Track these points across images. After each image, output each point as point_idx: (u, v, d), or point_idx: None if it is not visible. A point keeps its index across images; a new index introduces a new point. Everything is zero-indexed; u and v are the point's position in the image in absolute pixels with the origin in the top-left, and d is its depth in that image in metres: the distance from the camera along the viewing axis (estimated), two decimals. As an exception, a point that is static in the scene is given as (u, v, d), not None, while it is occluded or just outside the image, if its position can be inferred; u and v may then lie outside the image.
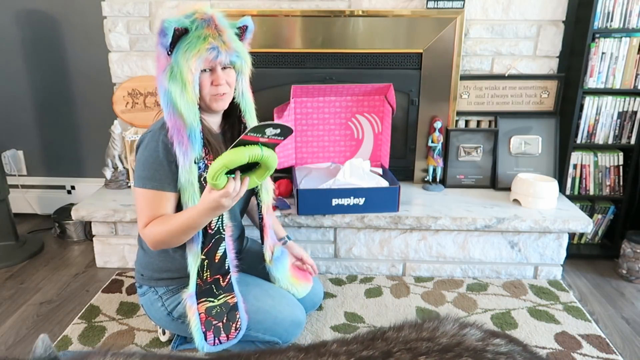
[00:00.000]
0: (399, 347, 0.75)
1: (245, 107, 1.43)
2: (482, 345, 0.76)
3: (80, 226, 2.47)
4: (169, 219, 1.32)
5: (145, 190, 1.33)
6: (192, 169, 1.32)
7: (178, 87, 1.27)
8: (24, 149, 2.69)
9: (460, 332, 0.80)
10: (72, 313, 1.84)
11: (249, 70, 1.40)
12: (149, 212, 1.34)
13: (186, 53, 1.25)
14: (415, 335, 0.79)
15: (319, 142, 2.29)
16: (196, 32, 1.26)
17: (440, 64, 2.23)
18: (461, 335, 0.79)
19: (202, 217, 1.26)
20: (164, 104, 1.30)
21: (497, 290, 2.00)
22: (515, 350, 0.78)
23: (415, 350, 0.73)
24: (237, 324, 1.41)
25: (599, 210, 2.31)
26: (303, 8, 2.22)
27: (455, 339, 0.77)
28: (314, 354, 0.74)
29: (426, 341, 0.76)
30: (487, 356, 0.73)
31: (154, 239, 1.33)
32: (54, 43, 2.49)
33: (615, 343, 1.69)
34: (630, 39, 2.09)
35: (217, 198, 1.19)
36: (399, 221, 1.99)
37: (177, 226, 1.30)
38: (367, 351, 0.74)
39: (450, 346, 0.75)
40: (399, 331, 0.81)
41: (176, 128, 1.29)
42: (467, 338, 0.78)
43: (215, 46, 1.26)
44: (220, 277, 1.42)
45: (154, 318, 1.51)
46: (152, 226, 1.33)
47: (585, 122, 2.22)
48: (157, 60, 1.31)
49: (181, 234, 1.31)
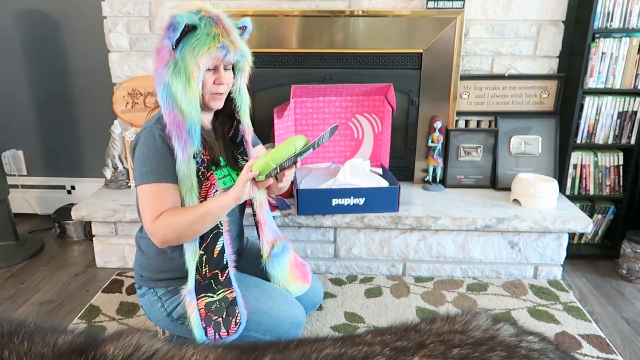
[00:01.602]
0: (432, 339, 0.75)
1: (240, 104, 1.46)
2: (515, 341, 0.75)
3: (80, 226, 2.47)
4: (188, 208, 1.33)
5: (149, 185, 1.32)
6: (190, 164, 1.33)
7: (181, 82, 1.27)
8: (24, 149, 2.69)
9: (494, 326, 0.79)
10: (72, 313, 1.84)
11: (249, 68, 1.42)
12: (156, 206, 1.32)
13: (195, 49, 1.26)
14: (448, 327, 0.79)
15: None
16: (205, 29, 1.26)
17: (440, 64, 2.23)
18: (494, 330, 0.78)
19: (231, 202, 1.33)
20: (162, 98, 1.30)
21: (497, 290, 2.00)
22: (548, 348, 0.78)
23: (449, 343, 0.73)
24: (237, 318, 1.41)
25: (599, 210, 2.31)
26: (303, 8, 2.22)
27: (489, 333, 0.77)
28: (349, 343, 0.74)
29: (459, 334, 0.76)
30: (520, 352, 0.73)
31: (168, 228, 1.30)
32: (54, 43, 2.49)
33: (615, 343, 1.69)
34: (630, 39, 2.09)
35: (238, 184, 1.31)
36: (399, 221, 1.99)
37: (199, 214, 1.30)
38: (401, 342, 0.74)
39: (483, 340, 0.74)
40: (431, 323, 0.81)
41: (175, 123, 1.30)
42: (500, 333, 0.78)
43: (225, 45, 1.28)
44: (218, 272, 1.42)
45: (154, 319, 1.51)
46: (167, 216, 1.30)
47: (585, 122, 2.22)
48: (158, 54, 1.31)
49: (201, 224, 1.32)
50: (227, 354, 0.68)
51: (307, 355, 0.70)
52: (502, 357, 0.70)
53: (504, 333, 0.78)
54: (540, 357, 0.73)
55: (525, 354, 0.73)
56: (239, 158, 1.52)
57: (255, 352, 0.70)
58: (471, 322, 0.81)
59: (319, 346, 0.72)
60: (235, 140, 1.52)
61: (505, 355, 0.71)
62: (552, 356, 0.75)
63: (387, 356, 0.69)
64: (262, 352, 0.70)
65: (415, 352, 0.71)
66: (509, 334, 0.78)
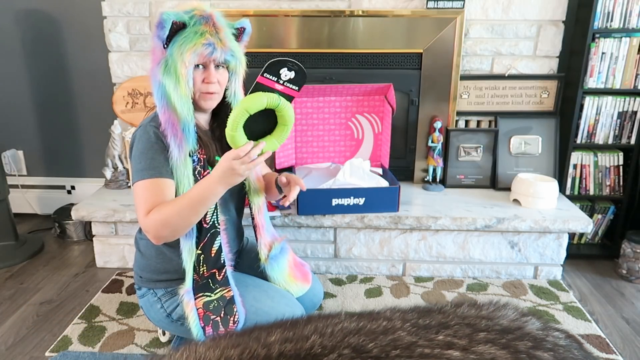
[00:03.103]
0: (456, 320, 0.73)
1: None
2: (542, 334, 0.74)
3: (80, 226, 2.47)
4: (175, 200, 1.30)
5: (144, 181, 1.30)
6: (187, 162, 1.33)
7: (172, 80, 1.27)
8: (24, 149, 2.69)
9: (522, 318, 0.79)
10: (72, 313, 1.84)
11: (243, 71, 1.41)
12: (150, 200, 1.30)
13: (181, 47, 1.25)
14: (475, 312, 0.78)
15: (319, 142, 2.29)
16: (193, 27, 1.26)
17: (440, 64, 2.23)
18: (522, 322, 0.77)
19: (215, 184, 1.26)
20: (157, 98, 1.30)
21: (497, 290, 2.00)
22: (573, 345, 0.77)
23: (475, 326, 0.71)
24: (235, 317, 1.41)
25: (599, 210, 2.31)
26: (303, 8, 2.22)
27: (516, 324, 0.76)
28: (367, 317, 0.72)
29: (485, 319, 0.75)
30: (546, 346, 0.72)
31: (159, 223, 1.28)
32: (54, 43, 2.49)
33: (615, 343, 1.69)
34: (630, 39, 2.09)
35: (230, 159, 1.21)
36: (399, 221, 1.99)
37: (186, 203, 1.27)
38: (424, 320, 0.72)
39: (510, 329, 0.73)
40: (457, 307, 0.80)
41: (170, 122, 1.29)
42: (527, 325, 0.77)
43: (211, 42, 1.27)
44: (216, 271, 1.43)
45: (154, 319, 1.51)
46: (156, 212, 1.28)
47: (585, 122, 2.22)
48: (152, 53, 1.31)
49: (191, 213, 1.28)
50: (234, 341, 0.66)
51: (320, 329, 0.67)
52: (528, 347, 0.69)
53: (531, 326, 0.77)
54: (565, 353, 0.73)
55: (551, 348, 0.72)
56: None
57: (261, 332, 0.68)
58: (498, 311, 0.80)
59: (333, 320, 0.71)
60: None
61: (531, 345, 0.70)
62: (577, 353, 0.75)
63: (408, 331, 0.67)
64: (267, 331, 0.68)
65: (439, 331, 0.69)
66: (536, 327, 0.77)
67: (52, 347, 1.62)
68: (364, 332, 0.67)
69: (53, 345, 1.63)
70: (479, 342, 0.67)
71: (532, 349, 0.69)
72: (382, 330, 0.68)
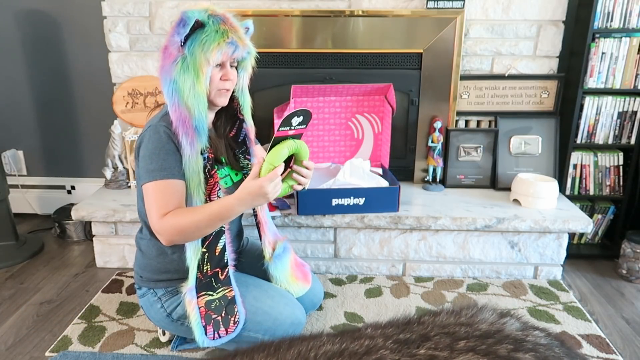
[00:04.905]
0: (436, 330, 0.73)
1: (243, 103, 1.47)
2: (522, 335, 0.75)
3: (80, 226, 2.47)
4: (196, 209, 1.32)
5: (156, 182, 1.31)
6: (198, 159, 1.33)
7: (189, 78, 1.28)
8: (24, 149, 2.69)
9: (500, 320, 0.79)
10: (72, 313, 1.84)
11: (251, 67, 1.44)
12: (164, 202, 1.31)
13: (205, 45, 1.27)
14: (454, 320, 0.78)
15: (319, 142, 2.29)
16: (214, 26, 1.28)
17: (440, 64, 2.23)
18: (501, 324, 0.78)
19: (238, 206, 1.30)
20: (167, 95, 1.31)
21: (497, 290, 2.00)
22: (554, 343, 0.77)
23: (454, 335, 0.72)
24: (236, 317, 1.41)
25: (599, 210, 2.31)
26: (303, 8, 2.22)
27: (495, 327, 0.76)
28: (348, 337, 0.72)
29: (465, 326, 0.75)
30: (527, 346, 0.72)
31: (175, 228, 1.29)
32: (54, 43, 2.49)
33: (615, 343, 1.69)
34: (630, 39, 2.09)
35: (261, 183, 1.25)
36: (399, 221, 1.99)
37: (205, 217, 1.29)
38: (404, 334, 0.72)
39: (490, 333, 0.73)
40: (435, 316, 0.80)
41: (181, 119, 1.30)
42: (506, 327, 0.77)
43: (234, 41, 1.30)
44: (219, 270, 1.43)
45: (154, 319, 1.51)
46: (174, 216, 1.29)
47: (585, 122, 2.22)
48: (164, 51, 1.31)
49: (208, 225, 1.31)
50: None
51: (304, 354, 0.68)
52: (509, 349, 0.70)
53: (511, 327, 0.77)
54: (547, 352, 0.73)
55: (532, 348, 0.72)
56: (240, 157, 1.53)
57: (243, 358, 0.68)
58: (477, 316, 0.80)
59: (315, 343, 0.71)
60: (237, 140, 1.53)
61: (512, 348, 0.70)
62: (558, 351, 0.75)
63: (390, 349, 0.68)
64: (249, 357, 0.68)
65: (420, 345, 0.69)
66: (515, 328, 0.77)
67: (52, 347, 1.62)
68: (347, 353, 0.67)
69: (53, 345, 1.63)
70: (460, 352, 0.68)
71: (513, 351, 0.69)
72: (365, 350, 0.68)
